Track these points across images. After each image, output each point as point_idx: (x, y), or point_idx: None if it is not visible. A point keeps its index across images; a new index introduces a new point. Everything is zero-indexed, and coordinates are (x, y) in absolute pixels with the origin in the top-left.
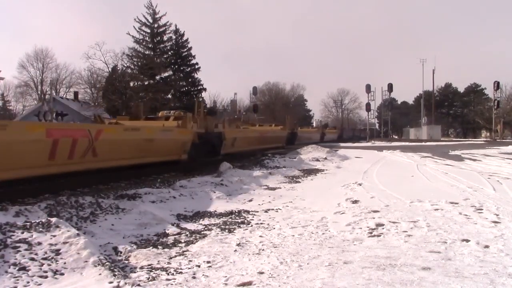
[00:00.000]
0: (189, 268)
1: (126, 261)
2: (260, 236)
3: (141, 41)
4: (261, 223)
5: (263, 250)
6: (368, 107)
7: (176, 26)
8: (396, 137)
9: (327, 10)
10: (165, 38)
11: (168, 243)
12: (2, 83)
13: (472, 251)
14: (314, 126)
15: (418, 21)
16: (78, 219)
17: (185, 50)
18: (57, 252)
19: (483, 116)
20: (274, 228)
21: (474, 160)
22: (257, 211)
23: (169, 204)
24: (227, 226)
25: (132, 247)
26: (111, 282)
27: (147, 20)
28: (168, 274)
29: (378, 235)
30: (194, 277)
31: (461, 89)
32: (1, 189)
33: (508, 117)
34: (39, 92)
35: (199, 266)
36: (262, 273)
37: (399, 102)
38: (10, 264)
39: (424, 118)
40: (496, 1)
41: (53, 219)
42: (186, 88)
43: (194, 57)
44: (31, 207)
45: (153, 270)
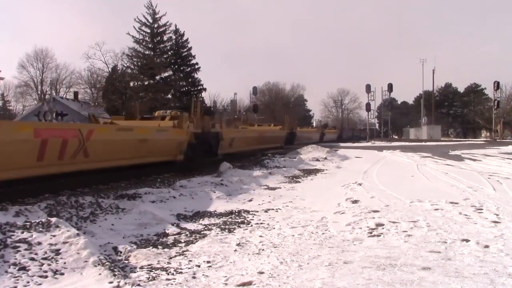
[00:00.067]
0: (189, 268)
1: (126, 261)
2: (260, 236)
3: (141, 41)
4: (261, 223)
5: (263, 250)
6: (368, 107)
7: (176, 26)
8: (396, 137)
9: (327, 10)
10: (165, 38)
11: (168, 243)
12: (2, 83)
13: (472, 251)
14: (314, 126)
15: (418, 21)
16: (78, 219)
17: (185, 50)
18: (57, 252)
19: (483, 116)
20: (274, 228)
21: (474, 160)
22: (257, 211)
23: (169, 204)
24: (227, 226)
25: (132, 247)
26: (111, 282)
27: (147, 20)
28: (168, 274)
29: (378, 235)
30: (194, 277)
31: (461, 89)
32: (1, 189)
33: (508, 117)
34: (39, 92)
35: (199, 266)
36: (262, 273)
37: (399, 102)
38: (10, 264)
39: (424, 118)
40: (496, 1)
41: (53, 219)
42: (186, 88)
43: (194, 57)
44: (31, 207)
45: (153, 270)
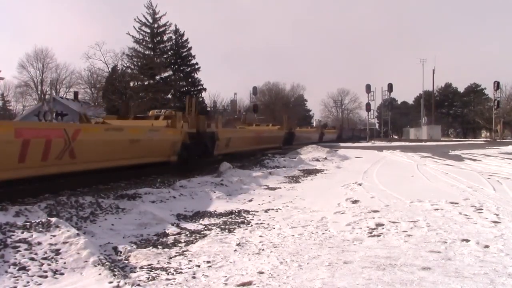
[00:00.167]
0: (189, 268)
1: (126, 261)
2: (260, 236)
3: (141, 41)
4: (261, 223)
5: (263, 250)
6: (368, 107)
7: (176, 26)
8: (396, 137)
9: (327, 10)
10: (165, 38)
11: (168, 243)
12: (2, 83)
13: (472, 251)
14: (314, 126)
15: (418, 21)
16: (78, 219)
17: (185, 50)
18: (57, 252)
19: (483, 116)
20: (274, 228)
21: (474, 160)
22: (257, 211)
23: (169, 204)
24: (227, 226)
25: (132, 247)
26: (111, 282)
27: (147, 20)
28: (168, 274)
29: (378, 235)
30: (194, 277)
31: (461, 89)
32: (1, 189)
33: (508, 117)
34: (39, 92)
35: (199, 266)
36: (262, 273)
37: (399, 102)
38: (10, 264)
39: (424, 118)
40: (496, 1)
41: (53, 219)
42: (186, 88)
43: (194, 57)
44: (31, 207)
45: (153, 270)
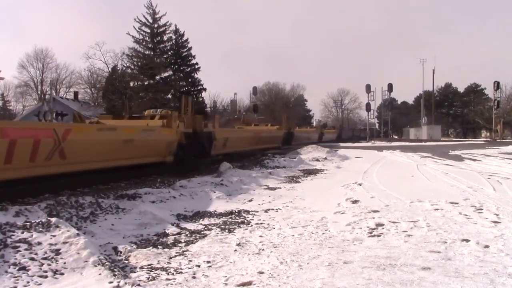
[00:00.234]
0: (189, 268)
1: (126, 261)
2: (260, 236)
3: (141, 41)
4: (261, 223)
5: (263, 250)
6: (368, 107)
7: (176, 26)
8: (396, 137)
9: (327, 10)
10: (165, 38)
11: (168, 243)
12: (2, 83)
13: (472, 251)
14: (314, 126)
15: (418, 21)
16: (78, 219)
17: (185, 50)
18: (57, 252)
19: (483, 116)
20: (274, 228)
21: (474, 160)
22: (257, 211)
23: (169, 204)
24: (227, 226)
25: (132, 247)
26: (111, 282)
27: (147, 20)
28: (168, 274)
29: (378, 235)
30: (194, 277)
31: (461, 89)
32: (1, 189)
33: (508, 117)
34: (39, 92)
35: (199, 266)
36: (262, 273)
37: (399, 102)
38: (10, 264)
39: (424, 118)
40: (496, 1)
41: (53, 219)
42: (186, 88)
43: (194, 57)
44: (31, 207)
45: (153, 270)
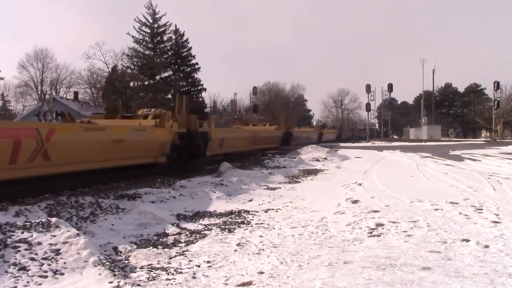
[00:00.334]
0: (189, 268)
1: (126, 261)
2: (260, 236)
3: (141, 41)
4: (261, 223)
5: (263, 250)
6: (368, 107)
7: (176, 26)
8: (396, 137)
9: (327, 10)
10: (165, 38)
11: (168, 243)
12: (2, 83)
13: (472, 251)
14: (313, 126)
15: (418, 21)
16: (78, 219)
17: (185, 50)
18: (57, 252)
19: (483, 116)
20: (274, 228)
21: (474, 160)
22: (257, 211)
23: (169, 204)
24: (227, 226)
25: (132, 247)
26: (111, 282)
27: (147, 20)
28: (168, 274)
29: (378, 235)
30: (194, 277)
31: (461, 89)
32: (1, 189)
33: (508, 117)
34: (39, 92)
35: (199, 266)
36: (262, 273)
37: (399, 102)
38: (10, 264)
39: (424, 118)
40: (496, 1)
41: (53, 219)
42: (186, 88)
43: (194, 57)
44: (31, 207)
45: (153, 270)
